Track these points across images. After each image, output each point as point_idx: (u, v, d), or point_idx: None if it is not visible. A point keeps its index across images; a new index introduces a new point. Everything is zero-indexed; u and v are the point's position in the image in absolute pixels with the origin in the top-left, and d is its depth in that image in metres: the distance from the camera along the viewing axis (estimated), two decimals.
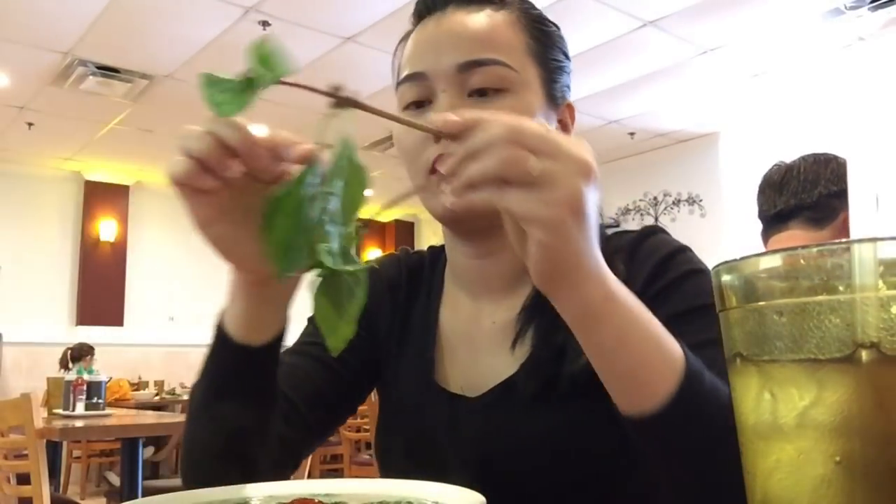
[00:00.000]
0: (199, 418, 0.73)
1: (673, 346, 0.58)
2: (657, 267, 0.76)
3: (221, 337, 0.68)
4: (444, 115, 0.52)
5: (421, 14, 0.82)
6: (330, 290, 0.52)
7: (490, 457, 0.76)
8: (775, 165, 1.69)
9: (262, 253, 0.52)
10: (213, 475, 0.63)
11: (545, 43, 0.82)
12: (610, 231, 0.84)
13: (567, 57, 0.86)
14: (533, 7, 0.84)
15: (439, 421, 0.81)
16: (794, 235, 1.59)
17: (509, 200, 0.50)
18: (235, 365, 0.68)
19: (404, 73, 0.80)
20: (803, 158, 1.66)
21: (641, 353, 0.56)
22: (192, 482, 0.70)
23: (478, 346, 0.83)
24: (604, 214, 0.86)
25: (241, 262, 0.62)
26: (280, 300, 0.67)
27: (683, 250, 0.79)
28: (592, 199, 0.51)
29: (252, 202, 0.59)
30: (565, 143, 0.51)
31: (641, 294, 0.72)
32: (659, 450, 0.59)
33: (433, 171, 0.75)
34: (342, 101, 0.50)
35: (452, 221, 0.81)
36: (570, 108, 0.86)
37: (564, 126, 0.85)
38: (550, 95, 0.81)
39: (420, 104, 0.79)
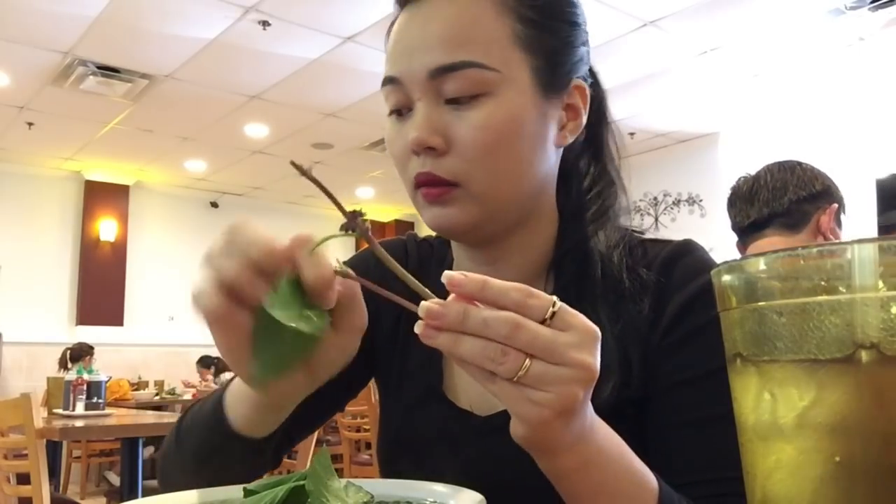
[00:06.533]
0: (181, 468, 0.72)
1: (647, 492, 0.55)
2: (690, 303, 0.72)
3: (225, 431, 0.65)
4: (429, 308, 0.48)
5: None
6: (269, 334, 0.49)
7: (492, 484, 0.68)
8: (741, 178, 1.76)
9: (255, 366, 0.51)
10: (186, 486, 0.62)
11: (539, 23, 0.71)
12: (636, 233, 0.79)
13: (576, 25, 0.75)
14: None
15: (447, 439, 0.76)
16: (774, 241, 1.64)
17: (495, 391, 0.48)
18: (241, 452, 0.66)
19: (384, 76, 0.73)
20: (768, 168, 1.72)
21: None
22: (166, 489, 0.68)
23: None
24: (632, 216, 0.84)
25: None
26: (290, 402, 0.63)
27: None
28: (587, 400, 0.49)
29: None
30: (565, 346, 0.47)
31: (668, 329, 0.72)
32: None
33: (418, 184, 0.71)
34: (352, 225, 0.48)
35: (448, 236, 0.77)
36: (579, 89, 0.75)
37: (574, 111, 0.75)
38: (547, 83, 0.72)
39: (401, 112, 0.72)
